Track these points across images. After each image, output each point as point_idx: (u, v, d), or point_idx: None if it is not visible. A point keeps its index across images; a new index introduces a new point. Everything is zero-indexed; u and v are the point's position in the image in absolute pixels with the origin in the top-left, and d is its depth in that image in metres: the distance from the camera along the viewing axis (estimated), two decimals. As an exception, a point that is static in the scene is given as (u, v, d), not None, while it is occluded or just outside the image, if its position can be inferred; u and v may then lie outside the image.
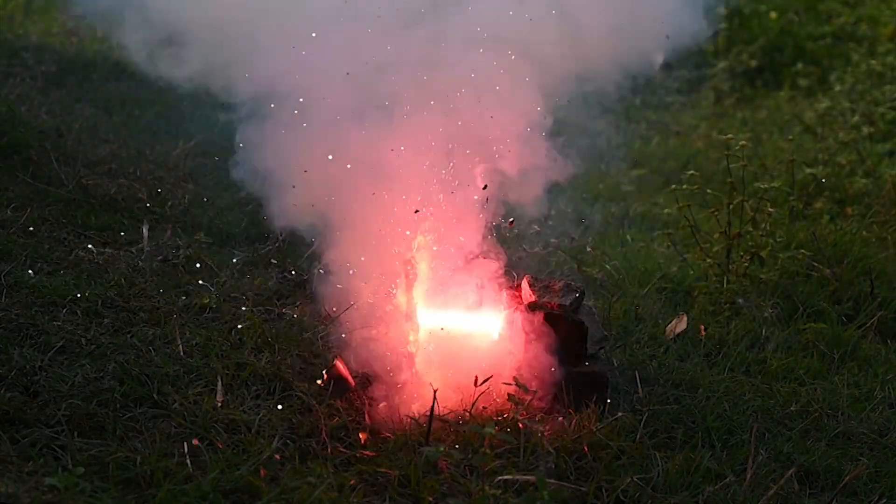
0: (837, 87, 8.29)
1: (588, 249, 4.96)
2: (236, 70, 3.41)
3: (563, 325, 3.31)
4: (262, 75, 3.32)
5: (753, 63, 9.55)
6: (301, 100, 3.25)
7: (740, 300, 4.41)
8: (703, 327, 4.16)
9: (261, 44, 3.35)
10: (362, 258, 3.26)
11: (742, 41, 9.82)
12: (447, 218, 3.36)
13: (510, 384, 3.26)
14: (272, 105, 3.31)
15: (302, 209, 3.31)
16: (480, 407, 3.19)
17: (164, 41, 3.68)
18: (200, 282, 3.96)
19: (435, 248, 3.34)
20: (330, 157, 3.23)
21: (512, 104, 3.35)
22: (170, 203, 4.87)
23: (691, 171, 4.82)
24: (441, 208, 3.34)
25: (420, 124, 3.28)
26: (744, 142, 4.73)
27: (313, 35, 3.25)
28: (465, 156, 3.37)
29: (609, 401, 3.33)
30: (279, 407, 3.11)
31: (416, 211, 3.26)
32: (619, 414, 3.28)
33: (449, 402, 3.19)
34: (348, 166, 3.23)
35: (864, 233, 5.23)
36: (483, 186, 3.37)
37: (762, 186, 4.68)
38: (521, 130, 3.38)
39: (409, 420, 3.08)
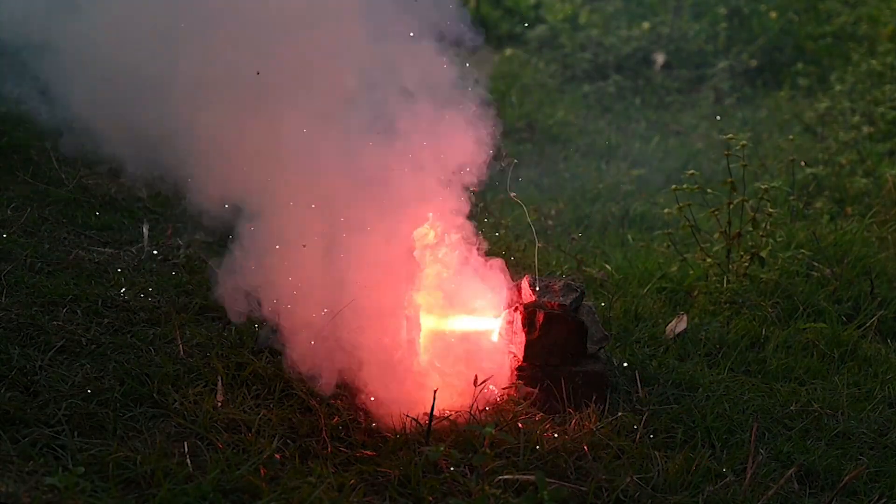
0: (837, 87, 8.31)
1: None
2: None
3: (563, 324, 3.31)
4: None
5: (753, 63, 9.57)
6: None
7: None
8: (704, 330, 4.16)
9: None
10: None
11: (742, 41, 9.84)
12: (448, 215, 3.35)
13: (510, 384, 3.27)
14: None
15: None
16: (480, 407, 3.19)
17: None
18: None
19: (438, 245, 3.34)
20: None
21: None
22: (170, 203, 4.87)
23: (691, 171, 4.82)
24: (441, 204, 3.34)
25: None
26: (744, 142, 4.73)
27: None
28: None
29: (609, 401, 3.33)
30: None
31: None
32: (619, 414, 3.28)
33: (449, 403, 3.19)
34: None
35: (864, 233, 5.24)
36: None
37: (762, 186, 4.68)
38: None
39: (409, 420, 3.08)
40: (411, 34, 3.29)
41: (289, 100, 3.23)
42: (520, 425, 3.10)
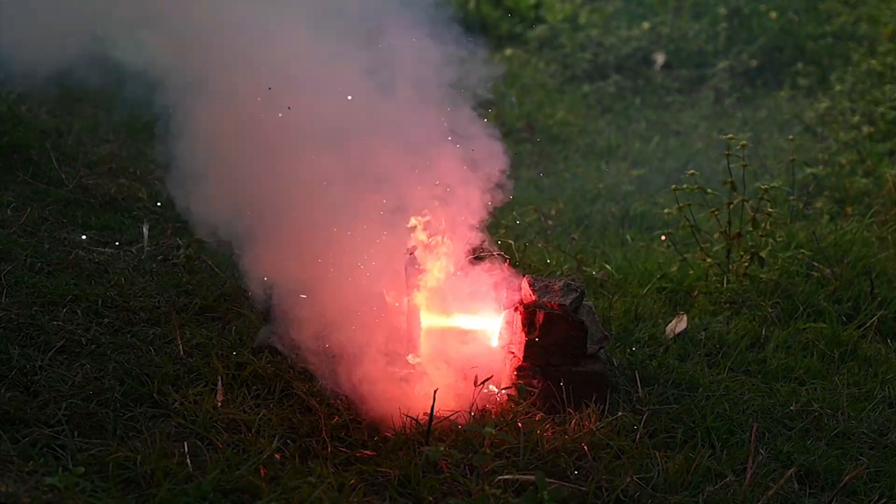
0: (837, 87, 8.30)
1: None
2: None
3: (563, 324, 3.31)
4: None
5: (753, 63, 9.57)
6: None
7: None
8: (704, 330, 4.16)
9: None
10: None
11: (742, 41, 9.84)
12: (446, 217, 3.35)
13: (510, 385, 3.27)
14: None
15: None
16: (480, 407, 3.19)
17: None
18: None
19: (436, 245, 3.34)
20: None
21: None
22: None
23: (691, 171, 4.82)
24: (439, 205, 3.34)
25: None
26: (744, 142, 4.72)
27: None
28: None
29: (609, 401, 3.33)
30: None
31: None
32: (619, 414, 3.28)
33: (449, 403, 3.19)
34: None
35: (864, 233, 5.24)
36: None
37: (762, 186, 4.67)
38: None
39: (409, 419, 3.08)
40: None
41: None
42: (520, 425, 3.10)
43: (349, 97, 3.19)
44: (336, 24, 3.31)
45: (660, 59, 9.90)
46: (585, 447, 3.05)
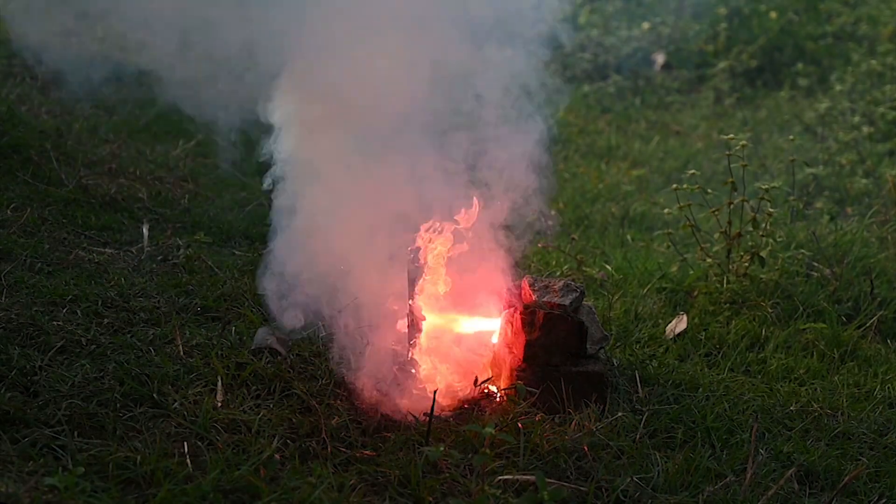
0: (837, 87, 8.31)
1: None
2: None
3: (563, 325, 3.31)
4: None
5: (753, 63, 9.57)
6: None
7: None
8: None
9: None
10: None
11: (742, 41, 9.84)
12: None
13: (510, 385, 3.27)
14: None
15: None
16: (480, 407, 3.19)
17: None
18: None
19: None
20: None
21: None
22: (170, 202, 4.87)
23: (691, 171, 4.81)
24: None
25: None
26: (744, 142, 4.72)
27: None
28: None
29: (609, 401, 3.33)
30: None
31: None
32: (619, 414, 3.28)
33: (449, 403, 3.19)
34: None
35: (864, 233, 5.24)
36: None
37: (762, 186, 4.67)
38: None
39: (409, 419, 3.08)
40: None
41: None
42: (520, 425, 3.10)
43: None
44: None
45: (660, 59, 9.91)
46: (585, 447, 3.05)
